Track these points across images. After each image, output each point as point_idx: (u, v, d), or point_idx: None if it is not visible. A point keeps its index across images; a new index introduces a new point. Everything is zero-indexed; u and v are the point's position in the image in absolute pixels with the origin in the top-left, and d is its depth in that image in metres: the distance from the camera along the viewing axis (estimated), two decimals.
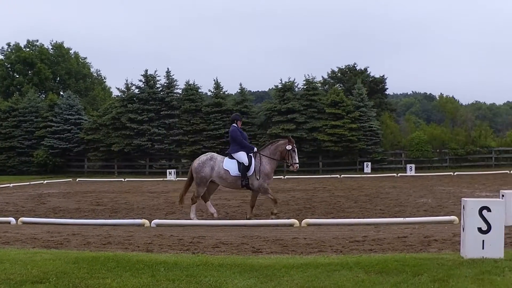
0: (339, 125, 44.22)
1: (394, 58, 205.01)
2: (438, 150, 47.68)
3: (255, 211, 15.70)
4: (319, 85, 52.42)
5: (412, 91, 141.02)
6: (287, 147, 15.15)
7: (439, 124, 55.32)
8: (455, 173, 37.45)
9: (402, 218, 13.86)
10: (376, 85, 57.70)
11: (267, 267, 7.51)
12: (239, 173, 14.91)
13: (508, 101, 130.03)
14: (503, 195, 12.70)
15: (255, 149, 15.51)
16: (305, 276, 6.98)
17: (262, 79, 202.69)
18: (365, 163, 43.16)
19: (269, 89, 77.42)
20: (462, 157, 47.15)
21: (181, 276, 7.09)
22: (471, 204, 7.93)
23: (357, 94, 46.83)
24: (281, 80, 47.44)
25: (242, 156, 15.03)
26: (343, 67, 60.55)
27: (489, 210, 7.88)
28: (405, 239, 10.70)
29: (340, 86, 55.64)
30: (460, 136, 48.34)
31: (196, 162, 15.46)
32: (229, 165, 15.05)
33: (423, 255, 8.53)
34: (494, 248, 7.82)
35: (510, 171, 37.53)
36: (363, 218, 14.52)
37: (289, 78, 47.69)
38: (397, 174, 38.98)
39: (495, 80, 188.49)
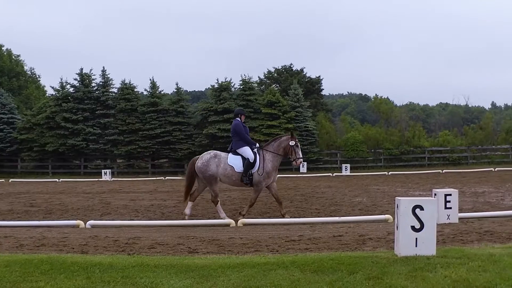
0: (275, 125, 44.38)
1: (330, 59, 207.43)
2: (372, 150, 48.35)
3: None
4: (256, 85, 52.47)
5: (348, 92, 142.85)
6: (290, 143, 15.20)
7: (374, 125, 56.17)
8: (390, 173, 38.04)
9: (337, 217, 14.00)
10: (312, 86, 58.13)
11: (203, 267, 7.49)
12: (242, 169, 14.75)
13: (440, 102, 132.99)
14: (435, 194, 12.98)
15: (257, 145, 15.42)
16: (241, 275, 6.99)
17: (198, 79, 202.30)
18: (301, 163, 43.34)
19: (206, 89, 77.45)
20: (396, 157, 47.95)
21: (116, 278, 7.01)
22: (405, 203, 8.08)
23: (293, 95, 47.09)
24: (217, 80, 47.37)
25: (247, 151, 14.88)
26: (280, 67, 60.78)
27: (422, 208, 8.04)
28: (341, 238, 10.82)
29: (277, 87, 55.82)
30: (394, 136, 49.14)
31: (199, 161, 14.99)
32: (234, 161, 14.86)
33: (358, 253, 8.64)
34: (427, 246, 7.98)
35: (442, 171, 38.35)
36: (299, 217, 14.61)
37: (226, 78, 47.73)
38: (333, 173, 39.36)
39: (428, 81, 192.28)
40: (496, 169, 39.32)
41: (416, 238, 7.98)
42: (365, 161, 47.53)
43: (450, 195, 12.90)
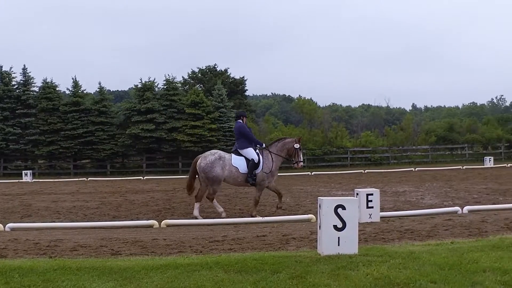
0: (199, 125, 44.27)
1: (255, 60, 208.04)
2: None
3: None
4: (180, 85, 52.20)
5: (272, 93, 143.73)
6: (295, 146, 15.71)
7: (297, 125, 56.75)
8: (313, 173, 38.43)
9: (261, 218, 14.06)
10: (236, 86, 58.28)
11: (126, 269, 7.40)
12: (247, 170, 14.94)
13: (363, 104, 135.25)
14: (357, 194, 13.20)
15: (264, 144, 15.72)
16: (164, 277, 6.94)
17: (122, 79, 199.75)
18: None
19: (129, 88, 76.57)
20: (319, 157, 48.50)
21: (37, 282, 6.84)
22: (327, 203, 8.17)
23: (217, 95, 47.08)
24: (141, 79, 47.00)
25: (250, 152, 15.11)
26: (204, 67, 60.72)
27: (344, 208, 8.15)
28: (264, 238, 10.87)
29: (200, 87, 55.74)
30: (317, 137, 49.75)
31: (203, 161, 15.05)
32: (238, 163, 15.01)
33: (281, 253, 8.69)
34: (349, 245, 8.10)
35: (364, 171, 39.02)
36: (223, 218, 14.61)
37: (149, 78, 47.31)
38: None
39: (351, 83, 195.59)
40: (416, 169, 40.26)
41: (339, 237, 8.09)
42: (288, 161, 47.77)
43: (372, 194, 13.15)
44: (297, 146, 15.73)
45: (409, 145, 52.69)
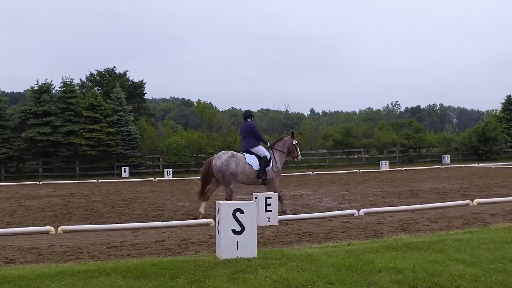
0: (97, 129, 43.49)
1: (154, 63, 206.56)
2: (195, 155, 48.67)
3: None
4: (77, 87, 51.11)
5: (171, 96, 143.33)
6: (293, 142, 16.48)
7: (197, 129, 56.61)
8: None
9: (160, 222, 13.95)
10: (135, 90, 57.55)
11: (20, 278, 7.15)
12: (259, 167, 15.52)
13: (262, 108, 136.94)
14: (256, 198, 13.29)
15: (268, 144, 16.45)
16: (61, 285, 6.75)
17: (17, 80, 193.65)
18: (123, 168, 42.91)
19: (25, 90, 74.29)
20: None
21: None
22: (225, 207, 8.17)
23: (115, 98, 46.39)
24: (37, 81, 45.55)
25: (262, 149, 15.81)
26: (102, 70, 59.61)
27: (242, 212, 8.17)
28: (163, 243, 10.79)
29: (99, 90, 54.74)
30: (216, 141, 49.79)
31: (218, 161, 15.39)
32: (252, 160, 15.57)
33: (180, 258, 8.64)
34: (248, 248, 8.12)
35: None
36: (121, 223, 14.40)
37: (46, 80, 46.01)
38: (155, 178, 39.11)
39: (250, 88, 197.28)
40: (314, 172, 40.91)
41: (237, 241, 8.10)
42: (187, 165, 47.73)
43: (270, 198, 13.27)
44: (294, 142, 16.53)
45: (307, 149, 53.52)
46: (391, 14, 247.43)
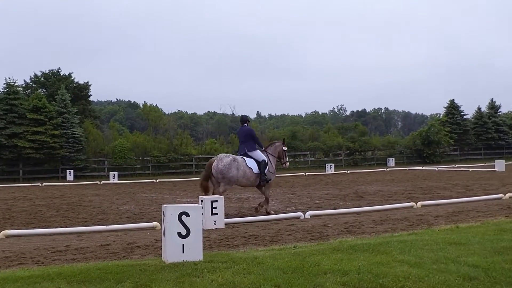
0: (41, 131, 42.81)
1: (100, 65, 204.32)
2: (141, 158, 48.35)
3: None
4: (21, 89, 50.17)
5: (117, 99, 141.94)
6: (283, 148, 17.38)
7: (143, 132, 56.25)
8: (158, 180, 38.26)
9: (105, 226, 13.80)
10: (81, 92, 56.81)
11: None
12: (258, 170, 16.27)
13: (208, 111, 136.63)
14: (202, 201, 13.26)
15: (263, 147, 17.28)
16: None
17: None
18: (67, 171, 42.36)
19: None
20: (164, 164, 48.35)
21: None
22: (171, 210, 8.13)
23: (60, 100, 45.79)
24: None
25: (259, 154, 16.59)
26: (47, 71, 58.65)
27: (188, 215, 8.14)
28: (108, 247, 10.67)
29: (43, 91, 53.90)
30: (162, 144, 49.56)
31: (220, 163, 16.00)
32: (252, 164, 16.29)
33: (126, 262, 8.56)
34: (194, 252, 8.10)
35: None
36: (66, 227, 14.20)
37: None
38: (100, 181, 38.70)
39: (196, 91, 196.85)
40: None
41: (183, 244, 8.06)
42: (133, 168, 47.41)
43: (216, 201, 13.25)
44: (285, 148, 17.42)
45: None
46: (339, 18, 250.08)
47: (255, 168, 16.28)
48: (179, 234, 8.08)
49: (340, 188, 25.67)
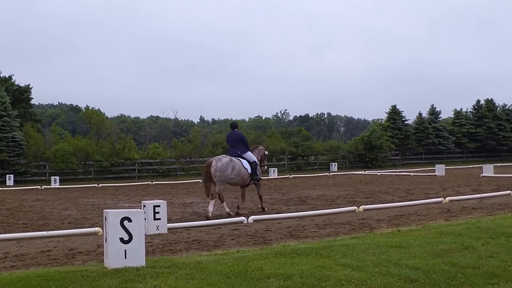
0: None
1: (41, 67, 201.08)
2: (83, 162, 47.73)
3: None
4: None
5: (59, 102, 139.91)
6: (265, 152, 19.21)
7: (85, 136, 55.50)
8: (100, 185, 37.83)
9: (46, 232, 13.59)
10: (21, 94, 55.72)
11: None
12: (251, 171, 17.56)
13: (151, 115, 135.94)
14: (144, 206, 13.17)
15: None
16: None
17: None
18: (7, 176, 41.49)
19: None
20: (107, 169, 47.83)
21: None
22: (113, 215, 8.06)
23: (0, 103, 44.88)
24: None
25: (251, 155, 18.04)
26: None
27: (130, 220, 8.08)
28: (49, 253, 10.51)
29: None
30: (105, 148, 48.99)
31: (219, 163, 17.02)
32: (246, 165, 17.52)
33: (67, 268, 8.44)
34: (136, 257, 8.04)
35: (152, 182, 39.08)
36: (5, 233, 13.92)
37: None
38: (42, 186, 38.05)
39: (140, 95, 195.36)
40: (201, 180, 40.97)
41: (125, 250, 8.00)
42: (75, 173, 46.77)
43: (159, 206, 13.18)
44: (266, 152, 19.27)
45: (197, 157, 53.55)
46: (283, 24, 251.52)
47: (249, 168, 17.50)
48: (121, 240, 8.01)
49: (283, 193, 25.82)
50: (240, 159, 17.51)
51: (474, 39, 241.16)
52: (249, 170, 17.49)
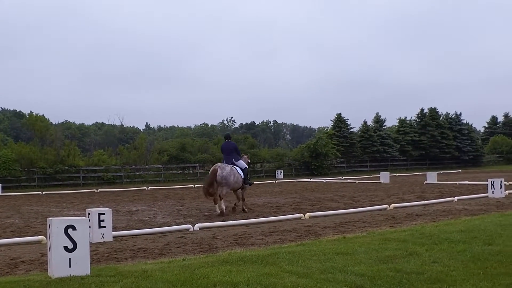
0: None
1: None
2: (26, 169, 46.94)
3: None
4: None
5: (1, 108, 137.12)
6: (248, 160, 21.94)
7: (28, 142, 54.59)
8: (44, 192, 37.28)
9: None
10: None
11: None
12: (243, 176, 20.02)
13: (96, 122, 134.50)
14: (89, 213, 13.01)
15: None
16: None
17: None
18: None
19: None
20: (51, 176, 47.16)
21: None
22: (56, 223, 7.95)
23: None
24: None
25: (243, 163, 20.51)
26: None
27: (74, 228, 7.98)
28: None
29: None
30: (49, 155, 48.30)
31: (223, 171, 19.14)
32: (240, 172, 19.89)
33: (9, 278, 8.29)
34: (81, 266, 7.93)
35: (97, 190, 38.63)
36: None
37: None
38: None
39: (85, 101, 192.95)
40: (149, 188, 40.73)
41: (70, 259, 7.89)
42: (18, 180, 45.96)
43: (104, 214, 13.04)
44: (248, 161, 21.89)
45: (142, 164, 53.29)
46: (230, 32, 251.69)
47: (242, 174, 19.83)
48: (66, 248, 7.90)
49: (229, 201, 25.79)
50: (235, 167, 19.79)
51: (418, 48, 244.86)
52: (242, 176, 19.84)
